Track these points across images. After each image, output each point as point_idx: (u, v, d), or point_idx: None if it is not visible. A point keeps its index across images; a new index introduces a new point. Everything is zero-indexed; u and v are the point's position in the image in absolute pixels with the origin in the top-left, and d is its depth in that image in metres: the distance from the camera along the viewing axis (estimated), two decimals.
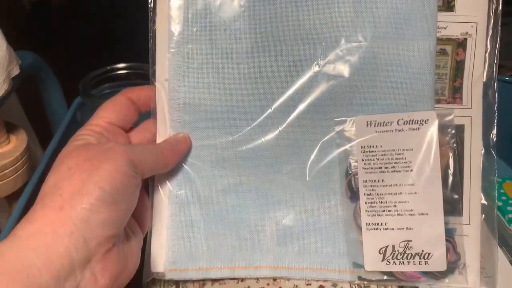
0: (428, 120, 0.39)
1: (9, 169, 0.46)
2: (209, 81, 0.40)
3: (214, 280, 0.40)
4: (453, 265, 0.39)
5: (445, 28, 0.41)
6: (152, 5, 0.40)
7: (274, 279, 0.40)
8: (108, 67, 0.63)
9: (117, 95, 0.41)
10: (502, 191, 0.51)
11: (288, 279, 0.40)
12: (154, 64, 0.40)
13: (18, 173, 0.44)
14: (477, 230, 0.40)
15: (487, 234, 0.41)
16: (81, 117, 0.61)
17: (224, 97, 0.40)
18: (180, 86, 0.40)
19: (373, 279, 0.40)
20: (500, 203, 0.49)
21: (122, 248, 0.34)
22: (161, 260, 0.40)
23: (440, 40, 0.40)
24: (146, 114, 0.42)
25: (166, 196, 0.41)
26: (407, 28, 0.39)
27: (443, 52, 0.41)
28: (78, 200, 0.31)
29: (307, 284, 0.40)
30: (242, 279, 0.40)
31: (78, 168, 0.33)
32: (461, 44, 0.41)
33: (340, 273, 0.40)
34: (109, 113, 0.40)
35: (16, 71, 0.48)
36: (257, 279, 0.40)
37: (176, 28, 0.40)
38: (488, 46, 0.40)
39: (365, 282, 0.40)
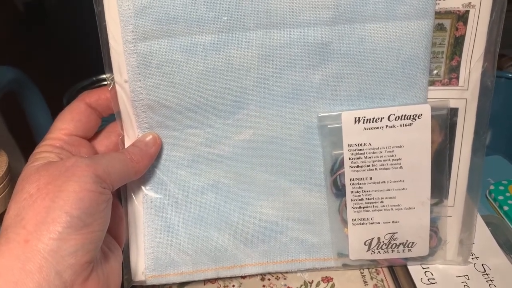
0: (421, 114, 0.35)
1: None
2: (173, 80, 0.35)
3: None
4: (435, 248, 0.40)
5: None
6: None
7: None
8: (94, 78, 0.57)
9: (74, 101, 0.36)
10: (508, 194, 0.48)
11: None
12: (109, 64, 0.34)
13: None
14: (460, 211, 0.40)
15: (468, 204, 0.40)
16: None
17: (191, 95, 0.35)
18: (141, 87, 0.35)
19: (357, 264, 0.40)
20: (506, 208, 0.47)
21: (101, 270, 0.32)
22: (141, 269, 0.38)
23: (438, 14, 0.35)
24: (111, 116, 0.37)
25: (140, 202, 0.38)
26: (399, 6, 0.34)
27: (440, 28, 0.35)
28: (44, 231, 0.28)
29: None
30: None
31: (40, 193, 0.30)
32: (462, 17, 0.35)
33: (325, 261, 0.40)
34: (68, 123, 0.35)
35: None
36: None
37: (128, 23, 0.33)
38: (493, 18, 0.35)
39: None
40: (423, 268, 0.41)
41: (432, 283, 0.39)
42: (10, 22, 0.63)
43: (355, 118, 0.36)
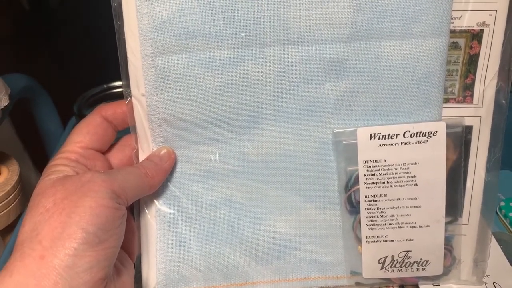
0: (437, 131, 0.35)
1: (1, 204, 0.43)
2: (189, 94, 0.35)
3: None
4: (449, 267, 0.39)
5: (459, 18, 0.35)
6: (116, 11, 0.32)
7: None
8: (105, 85, 0.57)
9: (90, 114, 0.36)
10: None
11: None
12: (127, 77, 0.34)
13: (11, 207, 0.40)
14: (474, 230, 0.39)
15: (482, 222, 0.40)
16: None
17: (207, 109, 0.35)
18: (158, 101, 0.35)
19: (370, 283, 0.40)
20: None
21: (113, 286, 0.32)
22: (152, 284, 0.38)
23: (452, 33, 0.35)
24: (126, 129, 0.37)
25: (153, 216, 0.38)
26: (415, 24, 0.34)
27: (455, 46, 0.36)
28: (60, 246, 0.28)
29: None
30: None
31: (56, 208, 0.30)
32: (476, 36, 0.35)
33: (338, 279, 0.40)
34: (83, 136, 0.35)
35: (4, 102, 0.43)
36: None
37: (147, 38, 0.33)
38: (507, 37, 0.35)
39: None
40: (434, 286, 0.40)
41: None
42: (15, 21, 0.63)
43: (371, 134, 0.36)
